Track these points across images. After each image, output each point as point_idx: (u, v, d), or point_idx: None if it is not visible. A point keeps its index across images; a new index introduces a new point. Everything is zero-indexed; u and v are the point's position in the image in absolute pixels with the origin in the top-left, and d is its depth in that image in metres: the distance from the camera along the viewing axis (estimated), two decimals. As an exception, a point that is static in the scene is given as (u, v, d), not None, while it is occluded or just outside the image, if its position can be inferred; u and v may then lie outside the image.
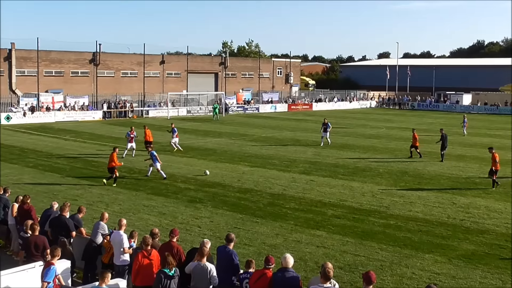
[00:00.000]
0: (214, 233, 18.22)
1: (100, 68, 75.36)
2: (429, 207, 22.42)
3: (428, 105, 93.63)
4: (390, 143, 43.67)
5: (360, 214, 21.15)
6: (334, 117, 69.94)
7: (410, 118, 70.12)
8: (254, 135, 48.36)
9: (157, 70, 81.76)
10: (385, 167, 32.15)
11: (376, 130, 54.39)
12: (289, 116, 72.35)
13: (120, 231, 13.24)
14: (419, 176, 29.30)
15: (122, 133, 46.92)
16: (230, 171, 29.91)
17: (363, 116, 74.38)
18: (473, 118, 75.57)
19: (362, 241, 17.63)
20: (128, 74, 78.64)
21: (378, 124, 60.99)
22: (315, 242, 17.49)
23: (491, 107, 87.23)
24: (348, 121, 64.56)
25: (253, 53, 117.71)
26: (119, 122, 59.04)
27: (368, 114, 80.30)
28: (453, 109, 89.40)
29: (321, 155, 36.47)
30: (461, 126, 51.86)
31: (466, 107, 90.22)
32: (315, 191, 25.08)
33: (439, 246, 17.29)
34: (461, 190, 25.71)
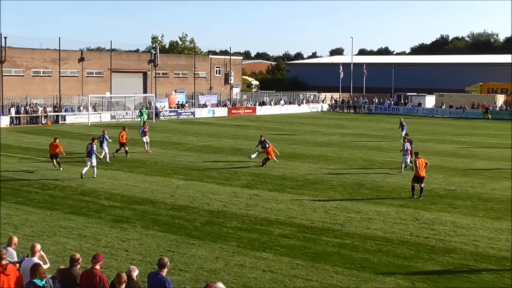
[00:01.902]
0: (144, 257, 18.03)
1: (6, 66, 73.71)
2: (389, 223, 22.82)
3: (387, 108, 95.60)
4: (344, 151, 44.28)
5: (312, 233, 21.31)
6: (280, 123, 70.57)
7: (366, 123, 71.35)
8: (189, 143, 48.23)
9: (75, 68, 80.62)
10: (339, 179, 32.56)
11: (328, 137, 55.06)
12: (229, 122, 72.53)
13: (34, 258, 12.94)
14: (377, 189, 29.79)
15: (33, 143, 46.02)
16: (161, 186, 29.71)
17: (313, 121, 75.21)
18: (436, 122, 77.66)
19: (314, 264, 17.76)
20: (41, 73, 77.22)
21: (330, 131, 61.77)
22: (261, 266, 17.53)
23: (457, 110, 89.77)
24: (296, 127, 65.16)
25: (187, 49, 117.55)
26: (30, 129, 57.85)
27: (319, 119, 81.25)
28: (414, 113, 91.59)
29: (266, 166, 36.63)
30: (397, 131, 53.07)
31: (429, 110, 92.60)
32: (259, 207, 25.15)
33: (401, 268, 17.59)
34: (424, 204, 26.28)
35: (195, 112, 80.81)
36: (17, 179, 30.96)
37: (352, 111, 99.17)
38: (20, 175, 32.32)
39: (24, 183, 29.99)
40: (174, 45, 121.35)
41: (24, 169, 34.34)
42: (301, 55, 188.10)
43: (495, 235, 21.40)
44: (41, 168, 34.53)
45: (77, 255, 12.77)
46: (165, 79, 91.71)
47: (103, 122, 69.16)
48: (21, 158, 38.31)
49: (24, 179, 31.10)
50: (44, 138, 50.16)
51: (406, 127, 50.54)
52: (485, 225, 22.76)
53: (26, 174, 32.70)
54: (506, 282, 16.57)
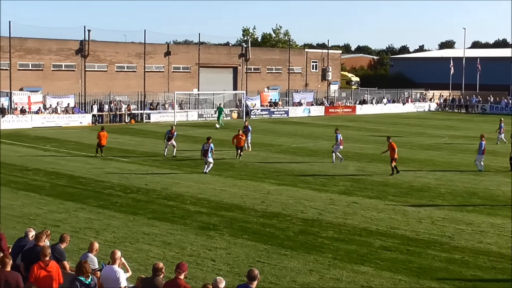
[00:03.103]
0: (231, 268, 18.23)
1: (89, 60, 76.06)
2: (505, 237, 22.19)
3: (504, 107, 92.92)
4: (455, 156, 43.41)
5: (416, 245, 21.00)
6: (382, 123, 69.87)
7: (480, 125, 69.59)
8: (282, 145, 48.41)
9: (161, 63, 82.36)
10: (447, 186, 31.95)
11: (436, 140, 54.10)
12: (326, 122, 72.32)
13: (114, 265, 13.29)
14: (491, 198, 29.07)
15: (116, 142, 47.37)
16: (252, 191, 29.96)
17: (419, 122, 74.09)
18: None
19: (419, 280, 17.51)
20: (125, 69, 79.33)
21: (439, 132, 60.67)
22: (359, 281, 17.42)
23: None
24: (400, 128, 64.34)
25: (281, 42, 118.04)
26: (113, 128, 59.52)
27: (426, 119, 79.96)
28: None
29: (366, 170, 36.37)
30: (496, 132, 52.33)
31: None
32: (358, 216, 25.00)
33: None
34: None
35: (289, 111, 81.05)
36: (99, 181, 31.91)
37: (464, 111, 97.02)
38: (103, 176, 33.29)
39: (106, 185, 30.90)
40: (267, 38, 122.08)
41: (107, 170, 35.36)
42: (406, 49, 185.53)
43: None
44: (125, 170, 35.46)
45: (161, 264, 13.02)
46: (257, 75, 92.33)
47: (190, 121, 70.37)
48: (104, 159, 39.45)
49: (107, 181, 32.01)
50: (128, 138, 51.66)
51: (503, 128, 51.30)
52: None
53: (108, 175, 33.64)
54: None
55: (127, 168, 36.04)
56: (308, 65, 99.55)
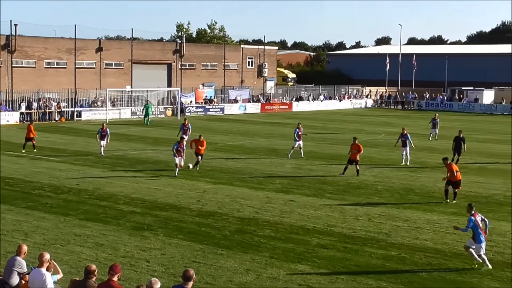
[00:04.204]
0: (166, 269, 18.17)
1: (16, 56, 74.59)
2: (441, 233, 22.67)
3: (439, 104, 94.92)
4: (392, 153, 44.01)
5: (353, 243, 21.28)
6: (320, 120, 70.46)
7: (417, 121, 70.81)
8: (218, 143, 48.39)
9: (93, 59, 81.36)
10: (384, 183, 32.45)
11: (374, 137, 54.83)
12: (262, 119, 72.63)
13: (42, 268, 13.12)
14: (427, 195, 29.65)
15: (46, 141, 46.61)
16: (187, 190, 29.88)
17: (357, 119, 74.97)
18: (496, 120, 76.88)
19: (356, 278, 17.74)
20: (54, 65, 78.07)
21: (376, 129, 61.50)
22: (296, 280, 17.55)
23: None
24: (338, 125, 64.99)
25: (216, 38, 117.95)
26: (43, 126, 58.52)
27: (363, 116, 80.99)
28: (470, 109, 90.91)
29: (304, 168, 36.65)
30: (430, 128, 53.78)
31: (487, 106, 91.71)
32: (295, 214, 25.18)
33: (453, 283, 17.52)
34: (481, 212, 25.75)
35: (224, 108, 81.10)
36: (28, 181, 31.35)
37: (400, 107, 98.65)
38: (32, 176, 32.74)
39: (36, 185, 30.38)
40: (201, 34, 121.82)
41: (37, 170, 34.78)
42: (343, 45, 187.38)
43: (561, 247, 21.16)
44: (55, 169, 34.93)
45: (93, 266, 12.91)
46: (192, 72, 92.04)
47: (122, 118, 69.77)
48: (33, 159, 38.79)
49: (36, 181, 31.49)
50: (58, 136, 50.94)
51: (438, 123, 53.06)
52: (550, 237, 22.50)
53: (38, 175, 33.10)
54: None
55: (58, 167, 35.50)
56: (244, 61, 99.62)
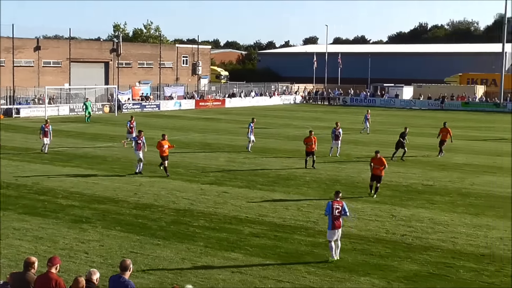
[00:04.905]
0: (105, 259, 17.96)
1: (-46, 55, 72.66)
2: (364, 221, 23.03)
3: (363, 99, 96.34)
4: (319, 146, 44.28)
5: (284, 231, 21.42)
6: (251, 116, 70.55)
7: (342, 116, 71.69)
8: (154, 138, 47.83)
9: (31, 58, 79.75)
10: (312, 174, 32.73)
11: (302, 131, 55.19)
12: (197, 115, 72.41)
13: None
14: (352, 185, 30.03)
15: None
16: (124, 183, 29.59)
17: (286, 114, 75.43)
18: (415, 115, 78.42)
19: (286, 264, 17.86)
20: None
21: (305, 124, 61.97)
22: (229, 267, 17.58)
23: (435, 102, 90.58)
24: (268, 120, 65.24)
25: (152, 38, 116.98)
26: (-18, 124, 57.10)
27: (292, 111, 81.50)
28: (392, 104, 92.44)
29: (237, 161, 36.71)
30: (363, 122, 54.56)
31: (407, 102, 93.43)
32: (229, 205, 25.21)
33: (376, 267, 17.77)
34: (401, 200, 26.54)
35: (160, 104, 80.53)
36: (-32, 177, 30.57)
37: (327, 103, 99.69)
38: (-28, 173, 31.92)
39: (-24, 181, 29.62)
40: (138, 34, 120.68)
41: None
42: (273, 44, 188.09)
43: (473, 231, 21.74)
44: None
45: (32, 258, 12.62)
46: (129, 70, 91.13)
47: (61, 115, 68.54)
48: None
49: (-24, 177, 30.70)
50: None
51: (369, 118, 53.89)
52: (464, 221, 23.09)
53: (-22, 172, 32.28)
54: (485, 280, 16.87)
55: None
56: (179, 60, 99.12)
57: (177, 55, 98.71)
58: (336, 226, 18.17)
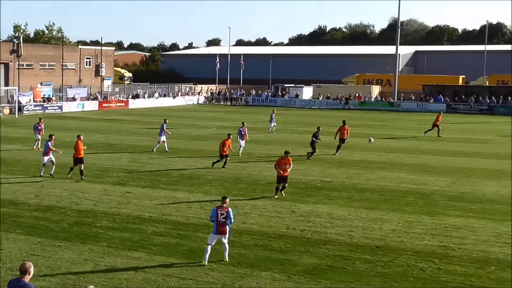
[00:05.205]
0: (3, 263, 17.36)
1: None
2: (266, 217, 23.21)
3: (265, 100, 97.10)
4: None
5: (187, 229, 21.35)
6: (155, 116, 70.04)
7: (244, 116, 72.01)
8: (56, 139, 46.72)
9: None
10: (215, 173, 32.74)
11: (205, 131, 55.22)
12: (100, 116, 71.18)
13: None
14: (254, 183, 30.21)
15: None
16: (25, 185, 28.74)
17: (189, 114, 75.22)
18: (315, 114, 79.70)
19: (189, 262, 17.79)
20: None
21: (207, 123, 61.98)
22: (133, 266, 17.36)
23: (334, 101, 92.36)
24: (172, 121, 64.54)
25: (54, 39, 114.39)
26: None
27: (195, 111, 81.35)
28: (292, 104, 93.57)
29: (140, 162, 36.32)
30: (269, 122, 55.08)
31: (307, 102, 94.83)
32: (132, 205, 24.91)
33: (277, 262, 17.94)
34: (301, 197, 26.88)
35: (62, 106, 78.67)
36: None
37: (229, 103, 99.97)
38: None
39: None
40: (39, 35, 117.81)
41: None
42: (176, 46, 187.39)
43: (369, 225, 22.28)
44: None
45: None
46: (30, 71, 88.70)
47: (-40, 118, 65.98)
48: None
49: None
50: None
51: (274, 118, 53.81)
52: (360, 216, 23.63)
53: None
54: (379, 270, 17.31)
55: None
56: (82, 61, 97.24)
57: (80, 57, 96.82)
58: (221, 232, 17.71)
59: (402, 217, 23.39)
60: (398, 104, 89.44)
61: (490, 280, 16.71)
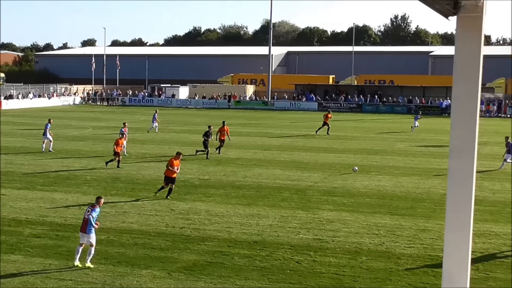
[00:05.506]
0: None
1: None
2: (145, 216, 23.01)
3: (141, 100, 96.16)
4: (99, 145, 43.77)
5: (65, 230, 20.84)
6: (29, 117, 67.92)
7: (121, 116, 71.00)
8: None
9: None
10: (93, 173, 32.13)
11: (81, 131, 54.04)
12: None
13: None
14: (132, 182, 29.87)
15: None
16: None
17: (65, 115, 73.33)
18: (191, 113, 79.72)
19: (68, 263, 17.37)
20: None
21: (84, 124, 60.70)
22: (10, 269, 16.77)
23: (210, 101, 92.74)
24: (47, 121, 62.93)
25: None
26: None
27: (71, 112, 79.48)
28: (169, 104, 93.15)
29: (15, 163, 35.05)
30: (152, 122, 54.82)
31: (183, 101, 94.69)
32: (7, 208, 24.02)
33: (157, 260, 17.84)
34: (179, 195, 26.80)
35: None
36: None
37: (106, 103, 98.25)
38: None
39: None
40: None
41: None
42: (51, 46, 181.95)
43: (246, 220, 22.55)
44: None
45: None
46: None
47: None
48: None
49: None
50: None
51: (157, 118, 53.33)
52: (238, 212, 23.86)
53: None
54: (257, 265, 17.57)
55: None
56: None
57: None
58: (82, 230, 17.21)
59: (278, 213, 23.82)
60: (272, 103, 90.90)
61: (361, 270, 17.34)
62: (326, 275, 16.87)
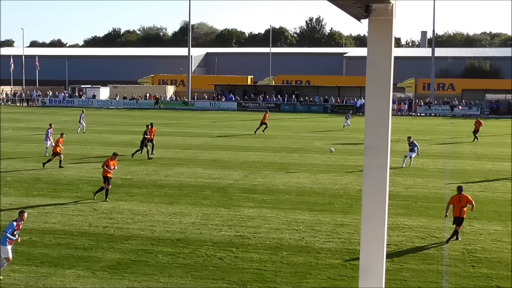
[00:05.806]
0: None
1: None
2: (68, 216, 22.62)
3: (62, 100, 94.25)
4: (19, 146, 42.70)
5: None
6: None
7: (42, 117, 69.48)
8: None
9: None
10: (13, 174, 31.32)
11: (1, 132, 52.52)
12: None
13: None
14: (54, 183, 29.26)
15: None
16: None
17: (-16, 116, 71.07)
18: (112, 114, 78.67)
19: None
20: None
21: (4, 125, 58.96)
22: None
23: (131, 101, 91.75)
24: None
25: None
26: None
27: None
28: (90, 104, 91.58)
29: None
30: (79, 122, 54.01)
31: (104, 102, 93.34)
32: None
33: (81, 259, 17.58)
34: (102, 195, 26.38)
35: None
36: None
37: (26, 104, 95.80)
38: None
39: None
40: None
41: None
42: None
43: (169, 219, 22.47)
44: None
45: None
46: None
47: None
48: None
49: None
50: None
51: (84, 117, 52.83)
52: (161, 210, 23.75)
53: None
54: (180, 262, 17.56)
55: None
56: None
57: None
58: None
59: (200, 210, 23.82)
60: (192, 103, 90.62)
61: (282, 264, 17.56)
62: (249, 270, 17.01)
